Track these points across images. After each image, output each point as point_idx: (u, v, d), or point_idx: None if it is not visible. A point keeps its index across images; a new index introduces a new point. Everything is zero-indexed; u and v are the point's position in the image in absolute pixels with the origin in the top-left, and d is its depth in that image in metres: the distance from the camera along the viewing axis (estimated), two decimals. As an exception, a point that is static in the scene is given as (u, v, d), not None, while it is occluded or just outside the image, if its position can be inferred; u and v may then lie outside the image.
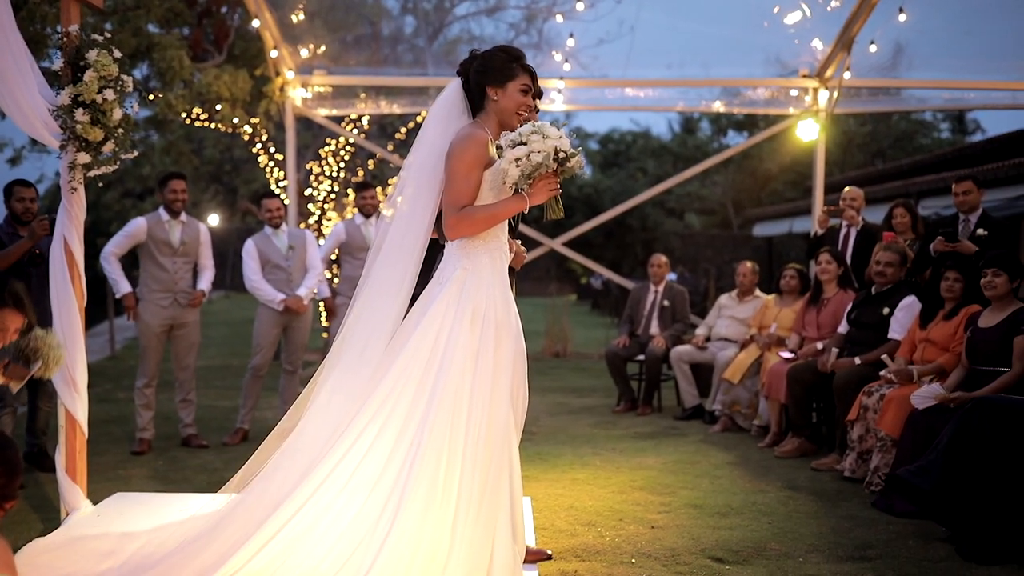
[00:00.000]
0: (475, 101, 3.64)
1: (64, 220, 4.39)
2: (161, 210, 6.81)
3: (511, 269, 3.84)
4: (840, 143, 27.32)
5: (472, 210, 3.49)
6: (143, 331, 6.77)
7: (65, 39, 4.32)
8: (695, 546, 4.60)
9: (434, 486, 3.36)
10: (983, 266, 5.47)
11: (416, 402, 3.45)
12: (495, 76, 3.58)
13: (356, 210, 7.92)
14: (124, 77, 4.37)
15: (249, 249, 7.18)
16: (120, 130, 4.36)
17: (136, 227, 6.71)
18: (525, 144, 3.39)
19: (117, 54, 4.37)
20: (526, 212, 3.57)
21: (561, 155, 3.42)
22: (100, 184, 4.66)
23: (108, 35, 4.44)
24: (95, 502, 4.80)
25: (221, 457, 6.55)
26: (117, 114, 4.32)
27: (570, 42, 9.40)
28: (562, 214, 3.57)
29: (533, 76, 3.69)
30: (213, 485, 5.63)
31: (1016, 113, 9.95)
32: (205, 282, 6.95)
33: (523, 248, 4.13)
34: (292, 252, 7.23)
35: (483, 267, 3.56)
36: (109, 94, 4.26)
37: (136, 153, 4.59)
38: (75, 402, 4.43)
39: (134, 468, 6.22)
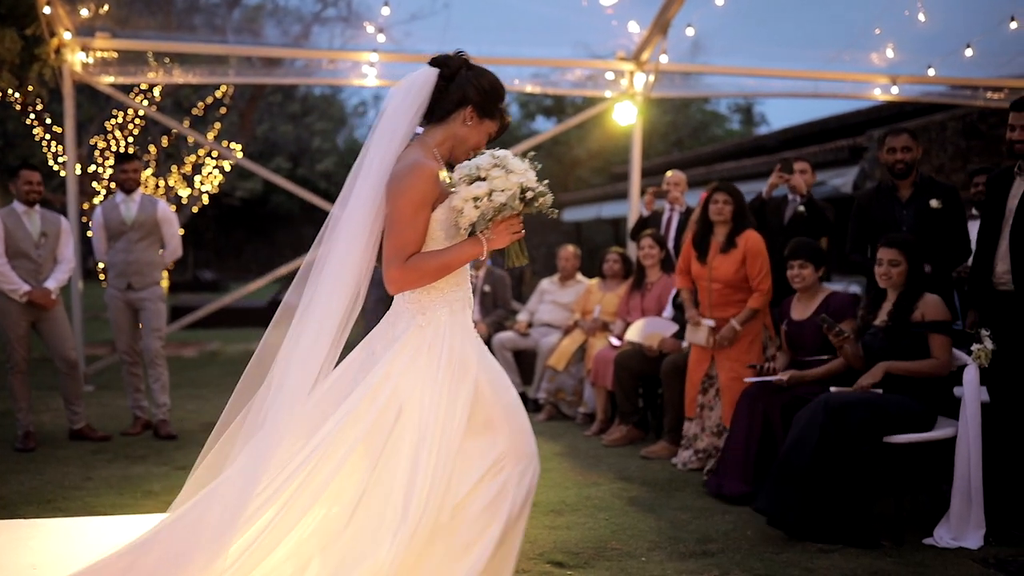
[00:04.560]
0: (440, 105, 2.94)
1: None
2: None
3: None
4: (645, 131, 28.09)
5: (420, 260, 2.82)
6: None
7: None
8: (533, 550, 4.28)
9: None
10: (788, 258, 5.39)
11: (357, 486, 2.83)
12: (484, 103, 2.94)
13: (116, 186, 7.01)
14: None
15: None
16: None
17: None
18: (484, 180, 2.80)
19: None
20: (482, 259, 2.94)
21: (528, 194, 2.83)
22: None
23: None
24: None
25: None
26: None
27: (385, 11, 8.85)
28: (527, 260, 3.02)
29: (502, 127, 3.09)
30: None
31: (797, 106, 10.29)
32: None
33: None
34: (44, 240, 6.41)
35: (441, 321, 2.91)
36: None
37: None
38: None
39: None
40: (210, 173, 12.38)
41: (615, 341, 6.98)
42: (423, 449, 2.78)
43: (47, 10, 8.25)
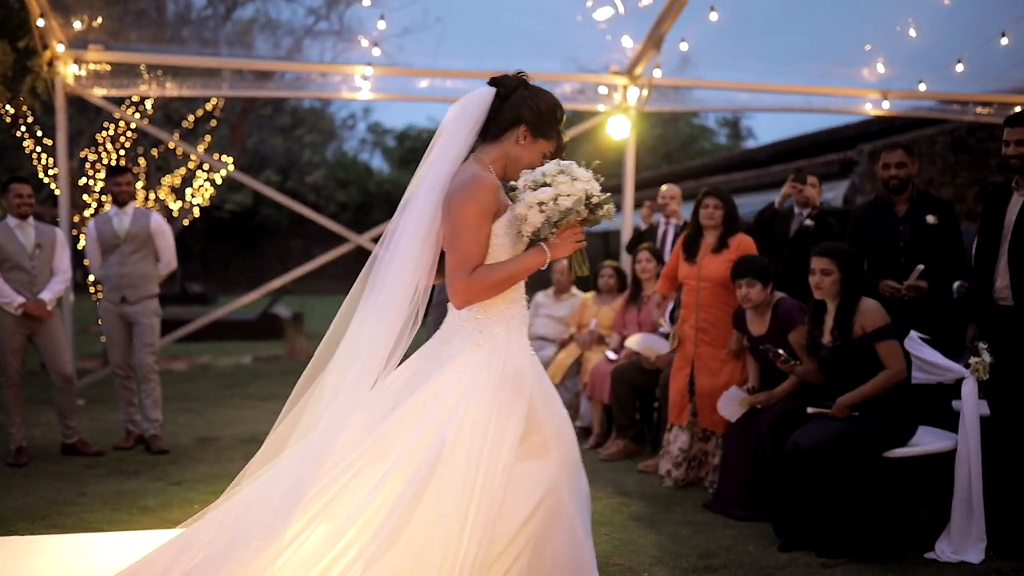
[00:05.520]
0: (494, 124, 2.96)
1: None
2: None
3: None
4: (635, 144, 28.18)
5: (485, 272, 2.82)
6: None
7: None
8: (535, 565, 4.25)
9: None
10: (734, 277, 5.37)
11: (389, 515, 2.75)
12: (538, 123, 2.95)
13: (110, 199, 6.99)
14: None
15: None
16: None
17: None
18: (550, 186, 2.82)
19: None
20: (544, 268, 2.93)
21: (593, 200, 2.86)
22: None
23: None
24: None
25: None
26: None
27: (381, 24, 8.86)
28: (588, 271, 3.03)
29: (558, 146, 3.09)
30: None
31: (785, 120, 10.31)
32: None
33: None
34: (39, 251, 6.38)
35: (499, 339, 2.88)
36: None
37: None
38: None
39: None
40: (201, 186, 12.33)
41: (611, 355, 6.97)
42: (476, 478, 2.73)
43: (40, 22, 8.22)
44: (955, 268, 5.23)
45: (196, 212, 12.60)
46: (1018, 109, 9.70)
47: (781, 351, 4.94)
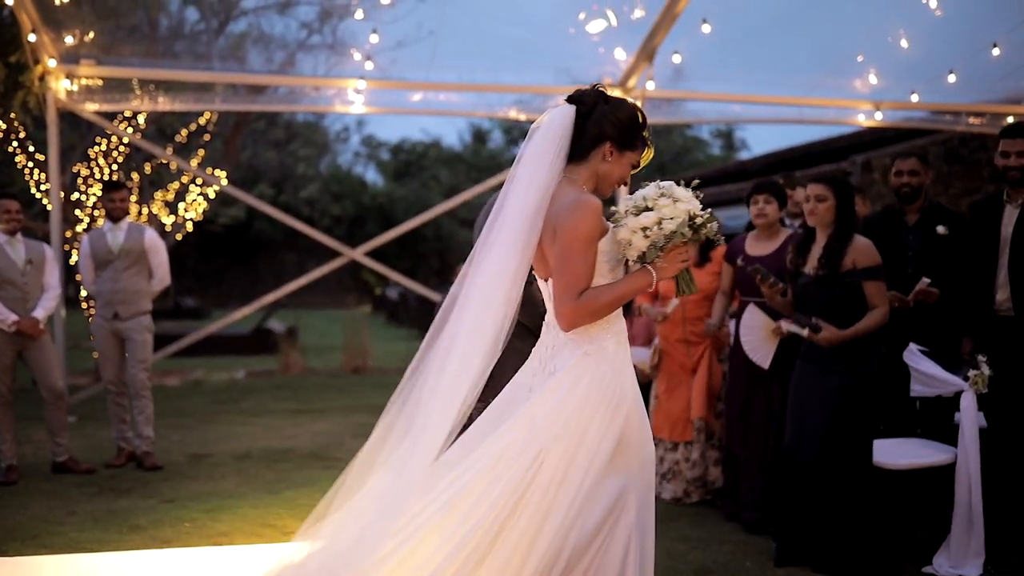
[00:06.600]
0: (579, 144, 2.87)
1: None
2: None
3: None
4: (626, 156, 28.23)
5: (594, 295, 2.77)
6: None
7: None
8: (530, 583, 4.20)
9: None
10: (752, 192, 5.32)
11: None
12: (623, 137, 2.88)
13: (104, 215, 6.97)
14: None
15: None
16: None
17: None
18: (652, 210, 2.80)
19: None
20: (651, 289, 2.89)
21: (698, 220, 2.83)
22: None
23: None
24: None
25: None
26: None
27: (374, 38, 8.85)
28: (696, 289, 2.99)
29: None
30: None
31: (778, 132, 10.30)
32: None
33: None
34: (30, 267, 6.34)
35: (608, 351, 2.83)
36: None
37: None
38: None
39: None
40: (194, 200, 12.29)
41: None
42: (556, 493, 2.71)
43: (32, 37, 8.20)
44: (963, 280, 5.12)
45: (189, 227, 12.56)
46: (1011, 119, 9.72)
47: (772, 275, 4.80)
